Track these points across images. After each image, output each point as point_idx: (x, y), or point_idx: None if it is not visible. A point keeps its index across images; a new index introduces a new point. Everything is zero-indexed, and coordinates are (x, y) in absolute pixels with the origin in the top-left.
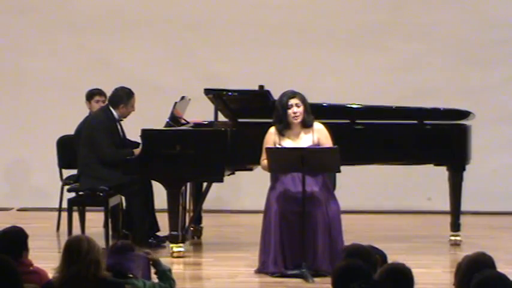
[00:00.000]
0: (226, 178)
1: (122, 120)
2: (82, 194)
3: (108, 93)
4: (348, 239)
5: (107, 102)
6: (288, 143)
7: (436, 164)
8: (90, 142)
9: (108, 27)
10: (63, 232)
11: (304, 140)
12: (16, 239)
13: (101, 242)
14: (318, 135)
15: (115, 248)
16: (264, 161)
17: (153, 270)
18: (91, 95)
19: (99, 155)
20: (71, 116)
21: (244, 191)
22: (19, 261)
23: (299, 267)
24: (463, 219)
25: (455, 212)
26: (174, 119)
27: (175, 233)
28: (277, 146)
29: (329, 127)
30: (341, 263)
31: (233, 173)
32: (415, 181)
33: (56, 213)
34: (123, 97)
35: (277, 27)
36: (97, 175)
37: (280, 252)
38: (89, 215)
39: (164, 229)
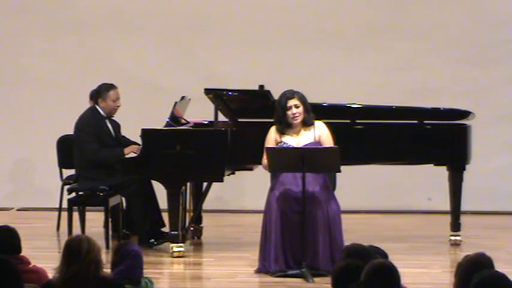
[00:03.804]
0: (226, 178)
1: (111, 117)
2: (82, 194)
3: None
4: (348, 239)
5: None
6: (288, 138)
7: (436, 164)
8: (77, 143)
9: (108, 27)
10: (63, 232)
11: (304, 136)
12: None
13: (101, 242)
14: (319, 132)
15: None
16: (265, 160)
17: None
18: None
19: (84, 154)
20: (71, 116)
21: (245, 191)
22: (17, 258)
23: (300, 264)
24: (463, 219)
25: (455, 212)
26: (174, 119)
27: (175, 232)
28: (279, 142)
29: (329, 127)
30: (341, 263)
31: (233, 173)
32: (415, 181)
33: (56, 213)
34: (100, 91)
35: (277, 27)
36: (94, 177)
37: (281, 250)
38: (89, 215)
39: (164, 229)
